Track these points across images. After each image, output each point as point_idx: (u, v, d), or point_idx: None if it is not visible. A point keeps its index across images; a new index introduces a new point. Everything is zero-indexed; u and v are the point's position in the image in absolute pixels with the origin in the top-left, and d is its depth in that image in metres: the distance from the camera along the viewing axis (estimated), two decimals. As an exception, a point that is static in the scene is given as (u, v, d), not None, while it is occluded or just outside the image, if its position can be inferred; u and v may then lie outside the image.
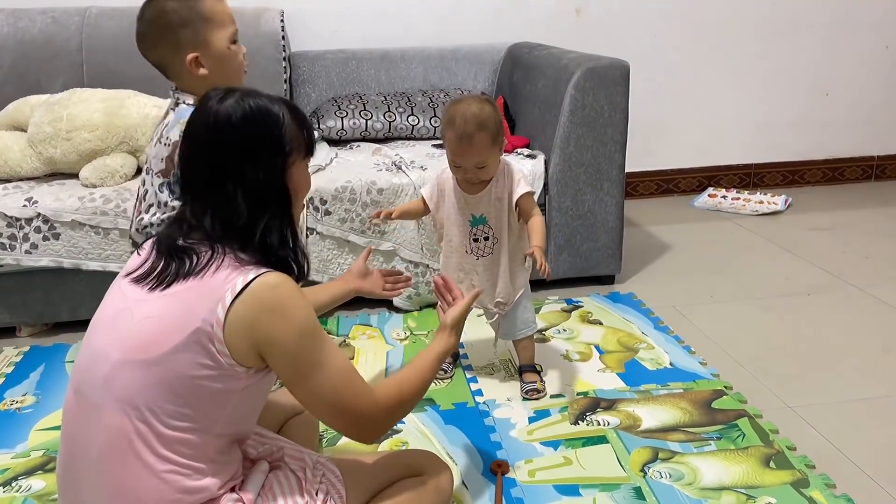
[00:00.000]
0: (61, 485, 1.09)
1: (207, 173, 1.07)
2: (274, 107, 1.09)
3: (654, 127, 3.50)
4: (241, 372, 1.03)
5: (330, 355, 1.09)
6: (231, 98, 1.07)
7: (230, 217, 1.06)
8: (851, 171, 3.81)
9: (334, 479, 1.19)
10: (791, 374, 1.99)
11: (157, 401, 1.00)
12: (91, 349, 1.07)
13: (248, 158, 1.06)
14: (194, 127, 1.10)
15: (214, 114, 1.06)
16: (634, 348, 2.14)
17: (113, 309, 1.08)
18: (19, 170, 2.29)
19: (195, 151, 1.09)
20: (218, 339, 1.00)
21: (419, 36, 3.16)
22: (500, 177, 1.75)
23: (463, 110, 1.64)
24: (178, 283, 1.03)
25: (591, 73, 2.36)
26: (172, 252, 1.05)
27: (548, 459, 1.64)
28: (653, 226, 3.24)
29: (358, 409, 1.11)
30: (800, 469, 1.58)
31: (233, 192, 1.06)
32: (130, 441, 1.00)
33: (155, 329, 1.01)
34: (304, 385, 1.07)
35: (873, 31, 3.59)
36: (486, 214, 1.77)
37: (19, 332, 2.33)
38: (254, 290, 1.01)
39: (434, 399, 1.89)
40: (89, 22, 2.72)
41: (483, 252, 1.80)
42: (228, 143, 1.06)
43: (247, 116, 1.06)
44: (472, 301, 1.40)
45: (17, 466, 1.67)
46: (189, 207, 1.09)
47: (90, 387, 1.04)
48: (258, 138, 1.07)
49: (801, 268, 2.73)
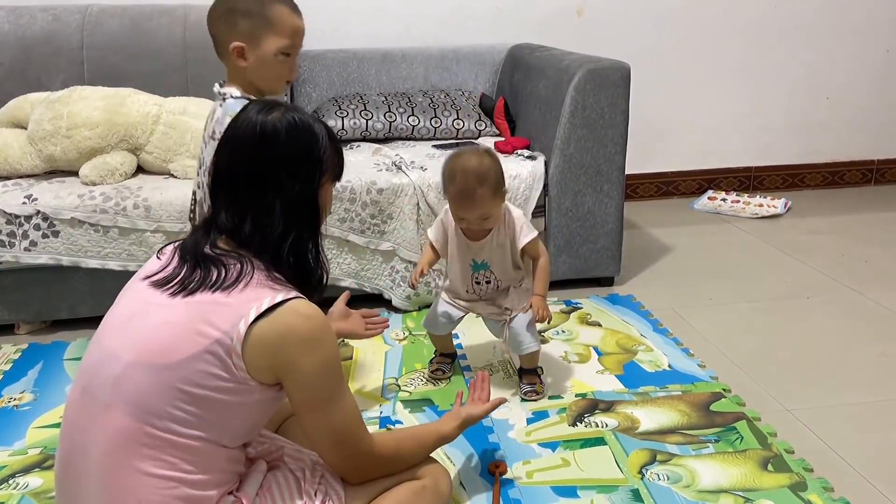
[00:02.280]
0: (59, 486, 1.09)
1: (248, 181, 1.08)
2: (316, 126, 1.13)
3: (655, 129, 3.51)
4: (255, 386, 1.03)
5: (345, 393, 1.12)
6: (277, 111, 1.10)
7: (266, 226, 1.07)
8: (851, 174, 3.82)
9: (333, 479, 1.19)
10: (789, 377, 1.99)
11: (167, 406, 0.99)
12: (102, 349, 1.06)
13: (289, 170, 1.09)
14: (237, 134, 1.11)
15: (262, 124, 1.09)
16: (633, 350, 2.14)
17: (128, 311, 1.07)
18: (19, 167, 2.29)
19: (237, 159, 1.10)
20: (236, 353, 1.00)
21: (420, 36, 3.16)
22: (502, 224, 1.75)
23: (463, 165, 1.63)
24: (203, 293, 1.02)
25: (592, 74, 2.36)
26: (200, 260, 1.06)
27: (546, 461, 1.64)
28: (652, 228, 3.24)
29: (356, 451, 1.15)
30: (798, 472, 1.58)
31: (271, 203, 1.08)
32: (135, 444, 0.99)
33: (173, 334, 1.01)
34: (314, 415, 1.10)
35: (873, 34, 3.59)
36: (487, 261, 1.78)
37: (18, 330, 2.33)
38: (284, 315, 1.02)
39: (432, 400, 1.89)
40: (90, 19, 2.72)
41: (485, 292, 1.84)
42: (273, 154, 1.08)
43: (293, 130, 1.09)
44: (493, 409, 1.46)
45: (15, 464, 1.66)
46: (225, 213, 1.09)
47: (99, 387, 1.03)
48: (301, 152, 1.10)
49: (800, 271, 2.73)
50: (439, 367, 2.00)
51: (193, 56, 2.73)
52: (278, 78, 1.53)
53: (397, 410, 1.85)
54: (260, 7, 1.46)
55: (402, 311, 2.41)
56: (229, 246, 1.09)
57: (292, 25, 1.49)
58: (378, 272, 2.39)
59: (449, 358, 2.03)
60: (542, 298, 1.78)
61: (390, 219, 2.33)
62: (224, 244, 1.09)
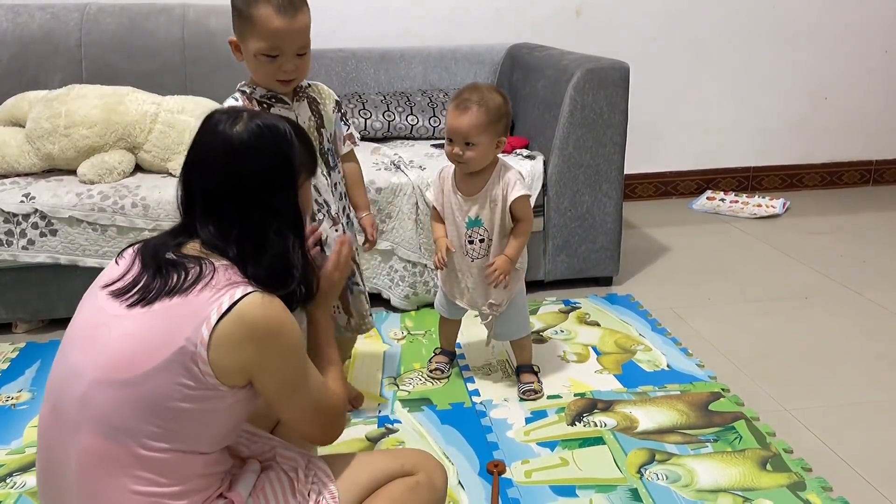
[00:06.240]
0: (42, 494, 1.07)
1: (227, 202, 1.05)
2: (281, 125, 1.09)
3: (654, 129, 3.51)
4: (226, 391, 1.00)
5: (310, 365, 1.11)
6: (240, 121, 1.06)
7: (254, 242, 1.05)
8: (850, 175, 3.82)
9: (326, 478, 1.17)
10: (788, 377, 1.99)
11: (136, 422, 0.96)
12: (67, 365, 1.02)
13: (266, 183, 1.06)
14: (206, 155, 1.07)
15: (227, 140, 1.05)
16: (632, 350, 2.14)
17: (90, 323, 1.03)
18: (17, 165, 2.29)
19: (210, 180, 1.06)
20: (202, 359, 0.96)
21: (419, 36, 3.16)
22: (497, 178, 1.75)
23: (473, 86, 1.72)
24: (162, 301, 0.98)
25: (591, 74, 2.36)
26: (160, 265, 1.02)
27: (544, 460, 1.64)
28: (651, 228, 3.24)
29: (333, 412, 1.15)
30: (796, 472, 1.58)
31: (257, 220, 1.05)
32: (108, 463, 0.97)
33: (134, 348, 0.97)
34: (294, 399, 1.09)
35: (872, 35, 3.60)
36: (481, 217, 1.77)
37: (15, 329, 2.32)
38: (242, 311, 0.98)
39: (431, 399, 1.89)
40: (88, 18, 2.72)
41: (478, 254, 1.80)
42: (247, 169, 1.05)
43: (261, 139, 1.06)
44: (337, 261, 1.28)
45: (12, 463, 1.66)
46: (207, 229, 1.06)
47: (67, 406, 1.00)
48: (275, 160, 1.07)
49: (798, 271, 2.73)
50: (438, 367, 2.00)
51: (192, 55, 2.72)
52: (267, 77, 1.46)
53: (396, 410, 1.85)
54: (245, 5, 1.41)
55: (400, 310, 2.41)
56: (200, 251, 1.05)
57: (270, 28, 1.39)
58: (377, 271, 2.39)
59: (448, 357, 2.03)
60: (507, 260, 1.75)
61: (389, 218, 2.33)
62: (192, 250, 1.05)
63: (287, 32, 1.40)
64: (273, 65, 1.43)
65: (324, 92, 1.62)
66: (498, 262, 1.75)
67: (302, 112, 1.54)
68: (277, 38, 1.40)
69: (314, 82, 1.62)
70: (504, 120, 1.71)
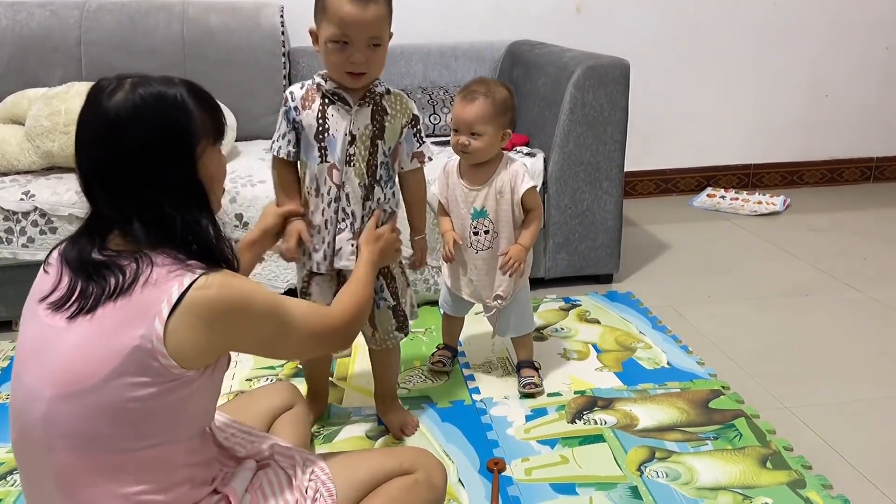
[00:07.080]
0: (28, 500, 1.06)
1: (119, 179, 0.97)
2: (170, 90, 0.99)
3: (654, 126, 3.50)
4: (193, 375, 0.98)
5: (291, 309, 1.09)
6: (121, 91, 0.97)
7: (155, 221, 0.98)
8: (850, 172, 3.82)
9: (325, 476, 1.17)
10: (788, 374, 1.99)
11: (106, 429, 0.94)
12: (23, 387, 0.99)
13: (157, 155, 0.97)
14: (88, 130, 0.98)
15: (106, 113, 0.96)
16: (632, 347, 2.14)
17: (36, 341, 0.99)
18: (16, 163, 2.29)
19: (97, 158, 0.98)
20: (161, 353, 0.93)
21: (419, 33, 3.15)
22: (503, 170, 1.76)
23: (480, 79, 1.76)
24: (105, 306, 0.94)
25: (592, 71, 2.36)
26: (90, 270, 0.96)
27: (544, 458, 1.64)
28: (651, 225, 3.23)
29: (330, 326, 1.18)
30: (796, 469, 1.58)
31: (153, 196, 0.98)
32: (88, 475, 0.96)
33: (86, 358, 0.93)
34: (280, 350, 1.11)
35: (873, 31, 3.59)
36: (486, 208, 1.77)
37: (15, 327, 2.32)
38: (194, 299, 0.94)
39: (431, 396, 1.89)
40: (88, 15, 2.71)
41: (483, 246, 1.81)
42: (133, 144, 0.96)
43: (143, 109, 0.96)
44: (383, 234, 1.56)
45: (12, 461, 1.66)
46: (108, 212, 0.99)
47: (33, 429, 0.97)
48: (163, 131, 0.98)
49: (799, 268, 2.73)
50: (440, 360, 2.00)
51: (191, 52, 2.72)
52: (336, 68, 1.43)
53: (396, 407, 1.85)
54: None
55: (400, 308, 2.41)
56: (122, 244, 0.99)
57: (341, 13, 1.36)
58: (377, 269, 2.38)
59: (450, 352, 2.03)
60: (522, 249, 1.77)
61: (389, 216, 2.32)
62: (116, 245, 0.99)
63: (357, 20, 1.37)
64: (342, 53, 1.40)
65: (400, 105, 1.53)
66: (512, 251, 1.76)
67: (360, 119, 1.48)
68: (346, 25, 1.37)
69: (398, 92, 1.55)
70: (510, 113, 1.73)
